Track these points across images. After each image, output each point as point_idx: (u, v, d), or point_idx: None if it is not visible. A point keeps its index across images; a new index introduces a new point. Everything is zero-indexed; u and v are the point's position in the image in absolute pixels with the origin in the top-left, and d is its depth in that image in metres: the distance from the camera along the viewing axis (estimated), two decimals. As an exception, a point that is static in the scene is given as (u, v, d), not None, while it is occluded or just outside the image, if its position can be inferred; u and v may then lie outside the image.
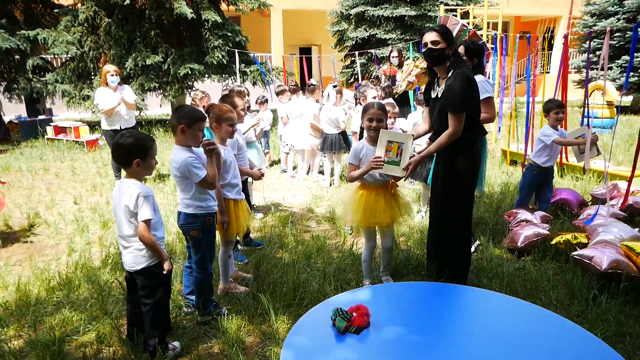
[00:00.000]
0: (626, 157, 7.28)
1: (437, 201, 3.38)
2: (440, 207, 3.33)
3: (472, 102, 2.98)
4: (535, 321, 2.06)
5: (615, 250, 3.33)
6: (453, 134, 2.99)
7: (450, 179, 3.18)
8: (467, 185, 3.20)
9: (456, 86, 2.93)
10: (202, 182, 2.71)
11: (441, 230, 3.35)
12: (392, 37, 13.70)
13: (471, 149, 3.14)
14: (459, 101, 2.93)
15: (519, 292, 3.26)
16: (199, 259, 2.91)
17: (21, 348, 2.75)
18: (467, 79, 2.94)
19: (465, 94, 2.92)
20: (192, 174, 2.68)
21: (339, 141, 6.27)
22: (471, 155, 3.14)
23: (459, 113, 2.96)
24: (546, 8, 19.27)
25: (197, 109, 2.87)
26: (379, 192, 3.17)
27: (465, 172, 3.15)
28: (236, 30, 12.03)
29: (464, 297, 2.32)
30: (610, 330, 2.79)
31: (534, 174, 4.44)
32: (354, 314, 1.90)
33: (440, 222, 3.36)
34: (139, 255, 2.46)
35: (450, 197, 3.22)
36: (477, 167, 3.21)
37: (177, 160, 2.69)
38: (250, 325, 2.94)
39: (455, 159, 3.13)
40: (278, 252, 4.05)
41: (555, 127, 4.37)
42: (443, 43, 2.98)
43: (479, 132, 3.20)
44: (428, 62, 3.18)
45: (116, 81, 6.12)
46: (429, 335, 1.90)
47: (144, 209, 2.38)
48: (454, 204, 3.22)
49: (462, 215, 3.24)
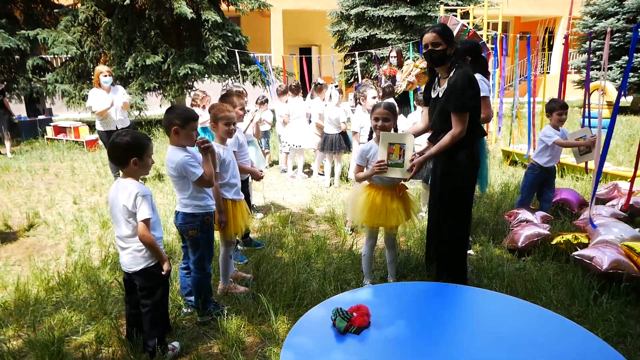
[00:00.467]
0: (626, 158, 7.28)
1: (436, 201, 3.37)
2: (440, 207, 3.31)
3: (474, 102, 2.97)
4: (536, 321, 2.05)
5: (616, 251, 3.32)
6: (457, 134, 2.97)
7: (450, 179, 3.16)
8: (467, 185, 3.19)
9: (458, 86, 2.91)
10: (200, 180, 2.70)
11: (441, 230, 3.34)
12: (392, 38, 13.69)
13: (471, 148, 3.12)
14: (462, 101, 2.92)
15: (519, 292, 3.25)
16: (197, 259, 2.90)
17: (20, 348, 2.74)
18: (470, 78, 2.93)
19: (468, 93, 2.91)
20: (189, 172, 2.68)
21: (339, 141, 6.26)
22: (471, 155, 3.13)
23: (462, 113, 2.94)
24: (546, 8, 19.27)
25: (188, 109, 2.84)
26: (386, 193, 3.16)
27: (465, 172, 3.13)
28: (236, 30, 12.03)
29: (465, 297, 2.31)
30: (611, 331, 2.78)
31: (536, 174, 4.43)
32: (354, 314, 1.89)
33: (440, 222, 3.34)
34: (138, 256, 2.44)
35: (450, 197, 3.20)
36: (476, 167, 3.19)
37: (173, 160, 2.69)
38: (250, 325, 2.93)
39: (455, 158, 3.10)
40: (278, 252, 4.04)
41: (557, 127, 4.36)
42: (443, 44, 2.97)
43: (478, 132, 3.18)
44: (429, 63, 3.17)
45: (109, 82, 6.08)
46: (430, 335, 1.90)
47: (143, 208, 2.37)
48: (454, 204, 3.20)
49: (462, 215, 3.23)
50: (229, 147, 3.21)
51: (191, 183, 2.75)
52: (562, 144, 4.33)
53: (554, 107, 4.34)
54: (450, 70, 3.03)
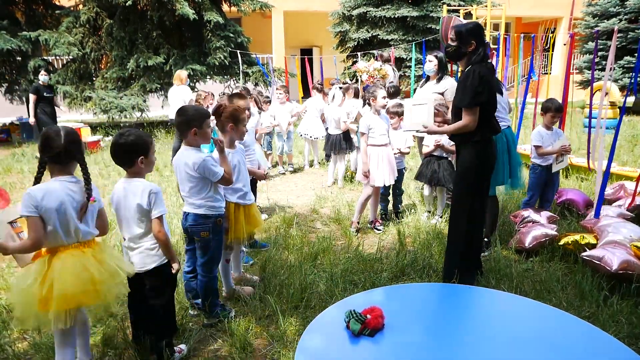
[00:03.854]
0: (630, 158, 7.26)
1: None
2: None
3: (482, 97, 3.01)
4: (549, 321, 2.03)
5: (625, 251, 3.30)
6: (462, 126, 3.09)
7: (455, 178, 3.28)
8: (467, 185, 3.20)
9: (465, 82, 3.03)
10: (222, 179, 2.72)
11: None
12: (394, 38, 13.68)
13: (476, 149, 3.14)
14: (467, 95, 3.02)
15: (528, 294, 3.22)
16: (206, 261, 2.87)
17: (25, 351, 2.72)
18: (478, 75, 2.99)
19: (474, 89, 2.98)
20: (212, 172, 2.68)
21: (340, 141, 6.25)
22: (476, 156, 3.13)
23: (468, 108, 3.04)
24: (548, 9, 19.24)
25: (200, 107, 2.86)
26: None
27: (465, 172, 3.18)
28: (238, 31, 12.03)
29: (477, 299, 2.29)
30: (623, 332, 2.75)
31: (537, 174, 4.47)
32: (369, 315, 1.86)
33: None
34: (150, 254, 2.42)
35: (454, 196, 3.29)
36: (482, 169, 3.17)
37: (194, 162, 2.66)
38: (257, 327, 2.91)
39: (459, 158, 3.22)
40: (284, 254, 4.01)
41: (550, 128, 4.43)
42: (457, 41, 3.11)
43: (486, 132, 3.16)
44: (449, 59, 3.41)
45: None
46: (444, 337, 1.87)
47: (158, 205, 2.36)
48: (454, 204, 3.28)
49: (461, 216, 3.24)
50: (237, 150, 3.13)
51: (211, 184, 2.73)
52: (544, 153, 4.38)
53: (549, 107, 4.40)
54: (466, 68, 3.13)
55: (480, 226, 3.36)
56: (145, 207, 2.35)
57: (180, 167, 2.75)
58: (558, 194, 4.87)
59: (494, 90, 3.10)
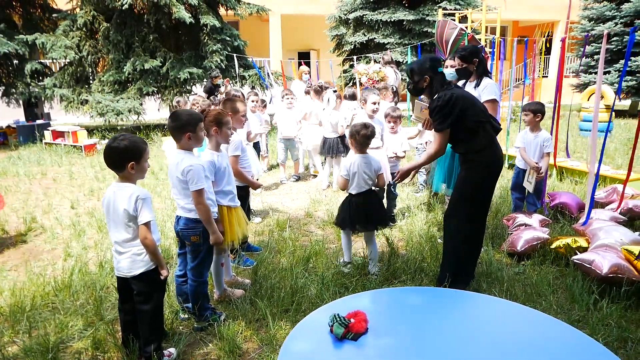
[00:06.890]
0: (625, 161, 7.27)
1: None
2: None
3: (450, 121, 3.04)
4: (536, 326, 2.04)
5: (616, 255, 3.31)
6: (433, 153, 3.22)
7: (459, 181, 3.30)
8: (461, 197, 3.24)
9: (433, 108, 3.10)
10: (198, 193, 2.68)
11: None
12: (391, 42, 13.72)
13: (469, 164, 3.18)
14: (435, 121, 3.11)
15: (519, 297, 3.23)
16: (196, 265, 2.87)
17: (15, 354, 2.71)
18: (446, 99, 3.03)
19: (441, 113, 3.04)
20: (193, 181, 2.66)
21: (337, 145, 6.25)
22: (472, 170, 3.17)
23: (437, 132, 3.13)
24: (544, 13, 19.33)
25: (193, 112, 2.84)
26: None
27: (461, 188, 3.24)
28: (235, 34, 12.06)
29: (464, 303, 2.29)
30: (612, 336, 2.76)
31: (515, 175, 4.76)
32: (352, 320, 1.87)
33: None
34: (137, 259, 2.42)
35: (457, 198, 3.29)
36: (479, 183, 3.18)
37: (185, 166, 2.66)
38: (247, 330, 2.91)
39: (462, 171, 3.26)
40: (276, 257, 4.02)
41: (533, 130, 4.55)
42: (412, 78, 3.24)
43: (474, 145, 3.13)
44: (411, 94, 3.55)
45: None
46: (428, 341, 1.88)
47: (144, 212, 2.35)
48: (458, 206, 3.27)
49: (453, 223, 3.27)
50: (223, 153, 3.15)
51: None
52: (524, 158, 4.54)
53: (527, 109, 4.56)
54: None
55: (480, 232, 3.36)
56: (132, 212, 2.35)
57: (172, 171, 2.76)
58: (551, 197, 4.89)
59: (467, 105, 3.07)
